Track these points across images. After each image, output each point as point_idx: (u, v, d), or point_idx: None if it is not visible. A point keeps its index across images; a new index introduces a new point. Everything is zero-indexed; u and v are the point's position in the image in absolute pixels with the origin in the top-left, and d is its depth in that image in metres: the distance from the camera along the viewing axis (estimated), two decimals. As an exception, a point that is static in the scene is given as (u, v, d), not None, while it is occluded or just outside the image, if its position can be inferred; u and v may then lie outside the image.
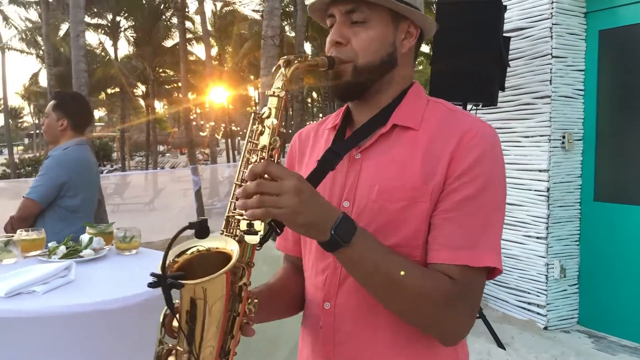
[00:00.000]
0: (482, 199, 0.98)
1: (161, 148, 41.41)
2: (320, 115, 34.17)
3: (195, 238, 0.93)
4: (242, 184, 0.93)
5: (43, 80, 36.92)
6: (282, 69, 0.97)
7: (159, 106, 34.76)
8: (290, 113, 33.07)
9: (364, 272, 0.96)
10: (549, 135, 4.07)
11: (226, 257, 0.92)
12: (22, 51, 31.15)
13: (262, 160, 0.92)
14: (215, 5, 27.83)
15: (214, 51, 26.31)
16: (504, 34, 4.05)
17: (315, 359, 1.13)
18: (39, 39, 28.94)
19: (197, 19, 22.64)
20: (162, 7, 28.47)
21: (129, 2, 27.05)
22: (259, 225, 0.90)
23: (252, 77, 37.53)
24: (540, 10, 4.11)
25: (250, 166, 0.91)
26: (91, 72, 20.90)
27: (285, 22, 23.09)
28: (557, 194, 4.13)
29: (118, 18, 28.81)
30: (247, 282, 0.97)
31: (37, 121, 57.66)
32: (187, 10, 22.64)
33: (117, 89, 30.26)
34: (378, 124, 1.09)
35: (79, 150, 2.97)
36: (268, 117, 0.95)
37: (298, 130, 1.30)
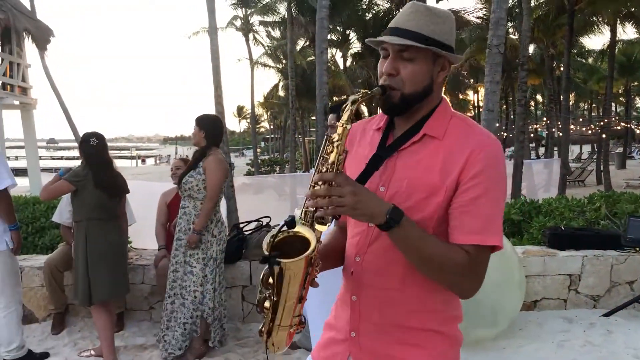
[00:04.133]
0: (487, 197, 1.28)
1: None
2: (545, 119, 32.51)
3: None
4: (315, 185, 1.24)
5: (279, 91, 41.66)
6: (350, 106, 1.30)
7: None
8: (512, 117, 32.09)
9: (407, 245, 1.26)
10: None
11: (305, 240, 1.25)
12: (266, 65, 35.52)
13: (331, 171, 1.24)
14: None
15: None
16: None
17: (347, 295, 1.47)
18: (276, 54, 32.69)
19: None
20: (385, 20, 30.04)
21: (357, 16, 29.15)
22: (327, 218, 1.26)
23: (471, 80, 37.31)
24: None
25: (321, 174, 1.24)
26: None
27: (509, 24, 22.64)
28: None
29: (347, 31, 31.17)
30: (316, 254, 1.28)
31: (271, 127, 64.79)
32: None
33: (344, 97, 32.67)
34: (413, 133, 1.38)
35: None
36: (337, 140, 1.26)
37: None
